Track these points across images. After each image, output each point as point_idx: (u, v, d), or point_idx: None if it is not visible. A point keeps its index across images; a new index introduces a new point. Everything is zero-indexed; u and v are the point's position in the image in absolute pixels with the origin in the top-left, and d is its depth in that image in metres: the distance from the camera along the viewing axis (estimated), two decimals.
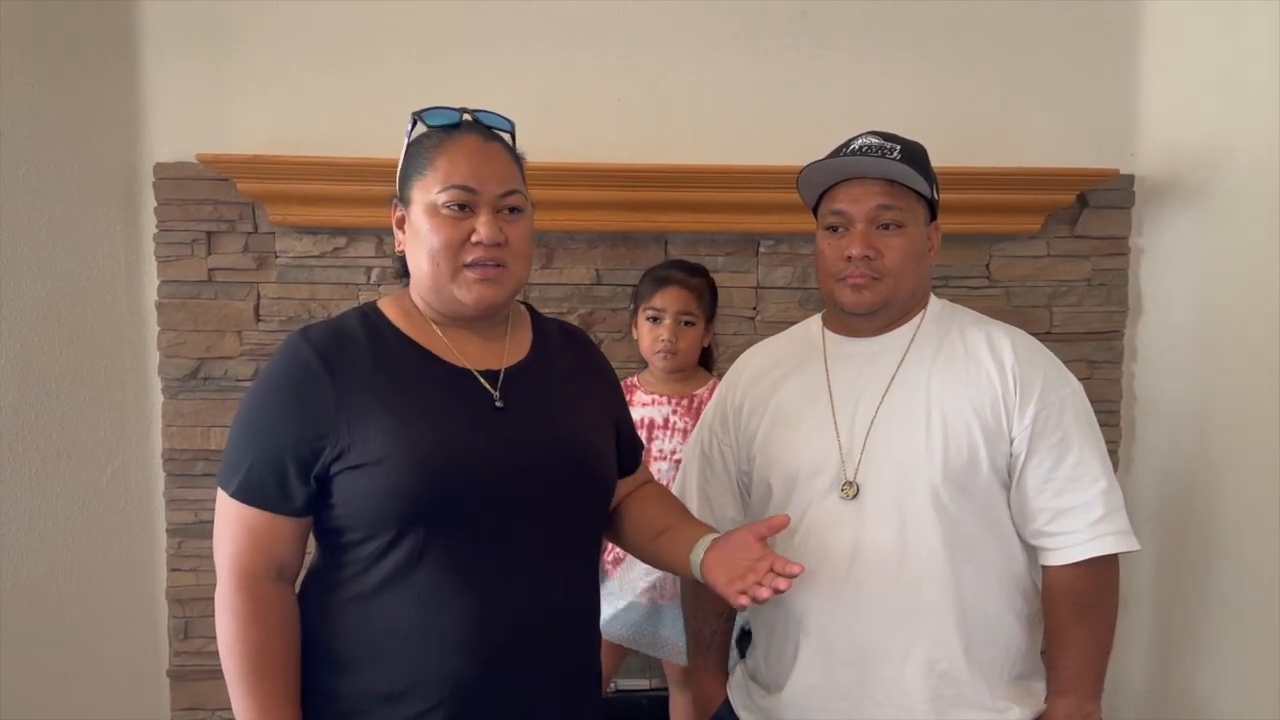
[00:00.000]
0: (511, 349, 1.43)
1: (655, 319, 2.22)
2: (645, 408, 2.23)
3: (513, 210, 1.35)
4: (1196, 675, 2.36)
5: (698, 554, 1.37)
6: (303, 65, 2.48)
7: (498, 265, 1.33)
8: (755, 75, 2.54)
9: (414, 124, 1.38)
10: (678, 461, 2.15)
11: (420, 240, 1.33)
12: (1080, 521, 1.49)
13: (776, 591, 1.25)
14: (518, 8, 2.49)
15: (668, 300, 2.21)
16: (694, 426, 2.14)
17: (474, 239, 1.31)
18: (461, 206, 1.31)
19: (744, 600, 1.27)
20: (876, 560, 1.50)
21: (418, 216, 1.33)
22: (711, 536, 1.39)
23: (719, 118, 2.54)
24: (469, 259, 1.32)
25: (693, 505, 1.71)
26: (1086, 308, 2.63)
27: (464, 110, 1.37)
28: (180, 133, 2.46)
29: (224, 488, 1.31)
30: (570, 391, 1.45)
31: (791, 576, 1.26)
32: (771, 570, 1.27)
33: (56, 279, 2.24)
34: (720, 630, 1.78)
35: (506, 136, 1.41)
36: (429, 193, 1.32)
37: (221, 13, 2.45)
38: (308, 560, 1.38)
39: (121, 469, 2.45)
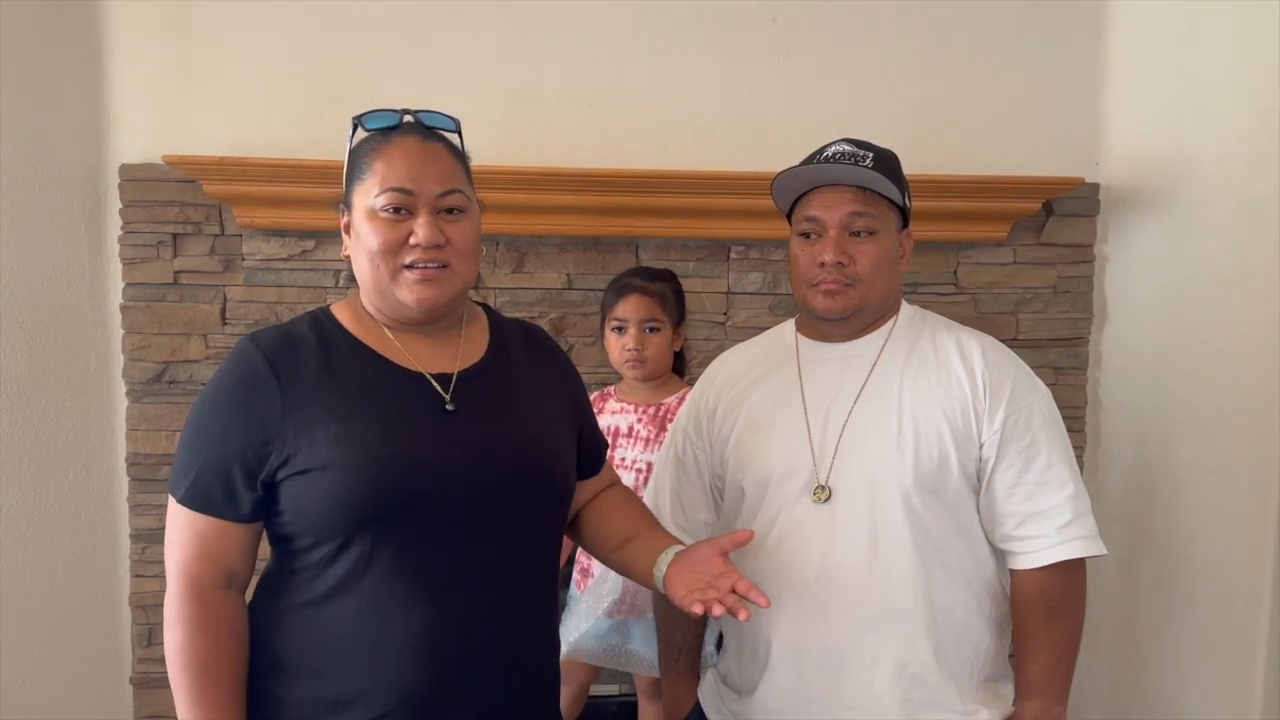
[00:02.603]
0: (466, 351, 1.40)
1: (620, 329, 2.19)
2: (613, 415, 2.22)
3: (453, 210, 1.33)
4: (1161, 676, 2.39)
5: (661, 567, 1.36)
6: (270, 66, 2.45)
7: (440, 266, 1.31)
8: (726, 82, 2.55)
9: (354, 129, 1.37)
10: (639, 470, 2.14)
11: (361, 244, 1.32)
12: (1048, 526, 1.51)
13: (732, 613, 1.25)
14: (488, 12, 2.48)
15: (629, 309, 2.17)
16: (658, 435, 2.15)
17: (412, 241, 1.29)
18: (398, 210, 1.30)
19: (698, 608, 1.26)
20: (848, 563, 1.51)
21: (359, 221, 1.32)
22: (675, 549, 1.38)
23: (690, 124, 2.55)
24: (408, 260, 1.30)
25: (666, 508, 1.72)
26: (1052, 314, 2.66)
27: (405, 111, 1.36)
28: (146, 134, 2.43)
29: (173, 494, 1.30)
30: (528, 393, 1.43)
31: (758, 598, 1.26)
32: (733, 591, 1.26)
33: (19, 281, 2.21)
34: (691, 634, 1.78)
35: (451, 136, 1.39)
36: (368, 197, 1.31)
37: (187, 13, 2.42)
38: (262, 566, 1.37)
39: (84, 473, 2.41)
